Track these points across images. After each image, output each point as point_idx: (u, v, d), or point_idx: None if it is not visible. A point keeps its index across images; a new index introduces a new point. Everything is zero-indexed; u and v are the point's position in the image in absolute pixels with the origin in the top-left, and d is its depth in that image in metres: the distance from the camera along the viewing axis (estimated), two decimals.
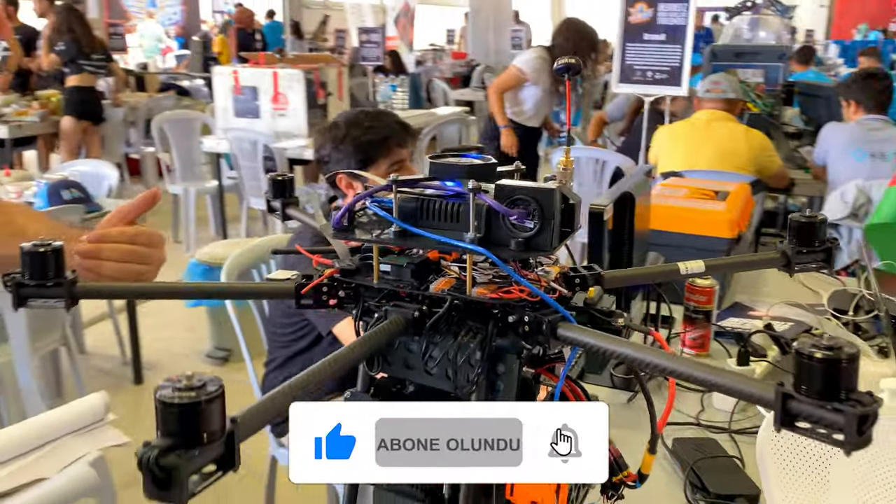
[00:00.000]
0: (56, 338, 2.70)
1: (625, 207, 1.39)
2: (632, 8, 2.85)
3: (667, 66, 2.92)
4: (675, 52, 2.90)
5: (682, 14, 2.82)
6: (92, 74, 5.58)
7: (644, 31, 2.88)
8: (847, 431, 0.53)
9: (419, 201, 0.80)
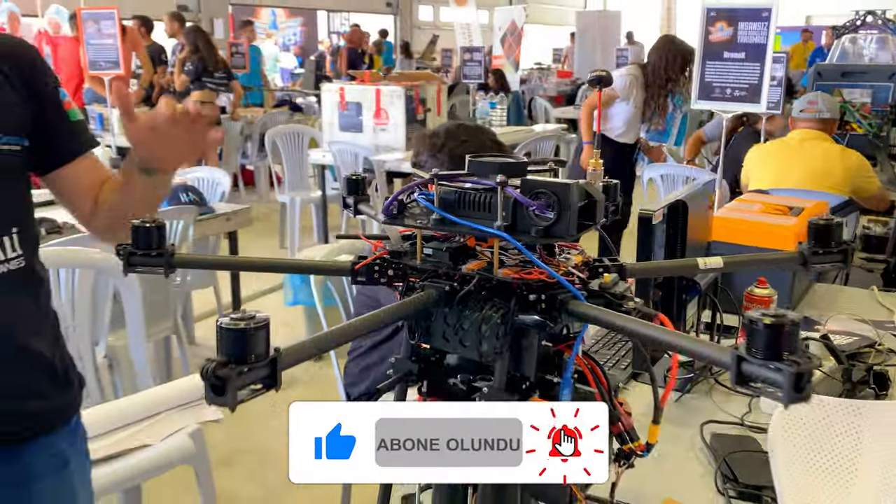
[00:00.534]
0: (168, 325, 2.98)
1: (678, 215, 1.47)
2: (712, 27, 2.87)
3: (746, 83, 2.93)
4: (755, 70, 2.90)
5: (762, 33, 2.82)
6: (213, 91, 6.02)
7: (724, 49, 2.90)
8: (785, 388, 0.62)
9: (457, 193, 0.93)
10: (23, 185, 1.24)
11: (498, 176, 0.89)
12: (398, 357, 0.99)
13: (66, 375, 1.31)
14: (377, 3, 17.57)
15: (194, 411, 2.24)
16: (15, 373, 1.21)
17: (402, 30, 18.32)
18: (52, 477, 1.26)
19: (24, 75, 1.21)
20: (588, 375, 0.95)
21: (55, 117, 1.25)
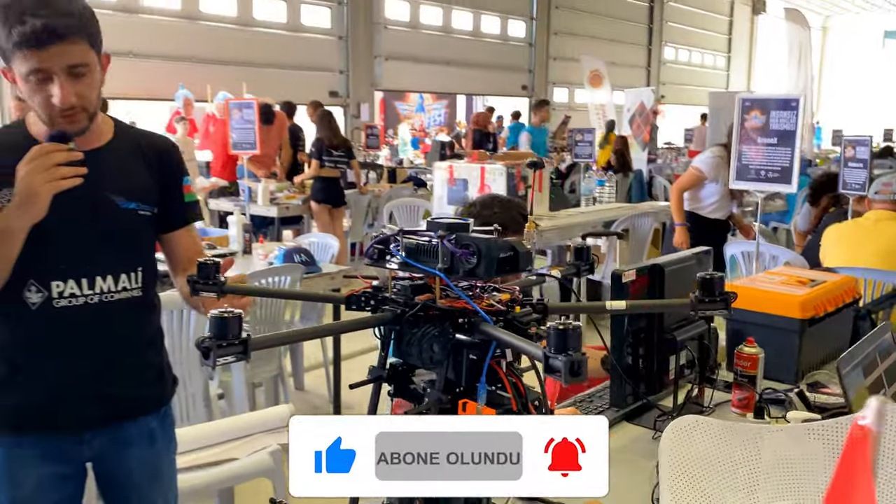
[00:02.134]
0: (274, 368, 3.45)
1: (656, 277, 1.72)
2: (747, 115, 3.06)
3: (778, 165, 3.07)
4: (786, 154, 3.04)
5: (792, 120, 2.98)
6: (332, 168, 6.73)
7: (758, 134, 3.07)
8: (563, 372, 0.91)
9: (416, 244, 1.27)
10: (149, 237, 1.70)
11: (439, 231, 1.23)
12: (372, 367, 1.33)
13: (164, 374, 1.75)
14: (514, 87, 18.38)
15: (276, 435, 2.65)
16: (133, 369, 1.66)
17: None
18: (142, 448, 1.68)
19: (162, 165, 1.69)
20: (507, 385, 1.25)
21: (175, 195, 1.71)
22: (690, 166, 4.81)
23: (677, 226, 4.64)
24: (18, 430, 1.59)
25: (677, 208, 4.65)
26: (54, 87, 1.46)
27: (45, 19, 1.40)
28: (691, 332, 1.82)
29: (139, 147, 1.67)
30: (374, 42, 14.53)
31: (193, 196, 1.78)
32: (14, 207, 1.43)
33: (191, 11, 11.68)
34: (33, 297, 1.54)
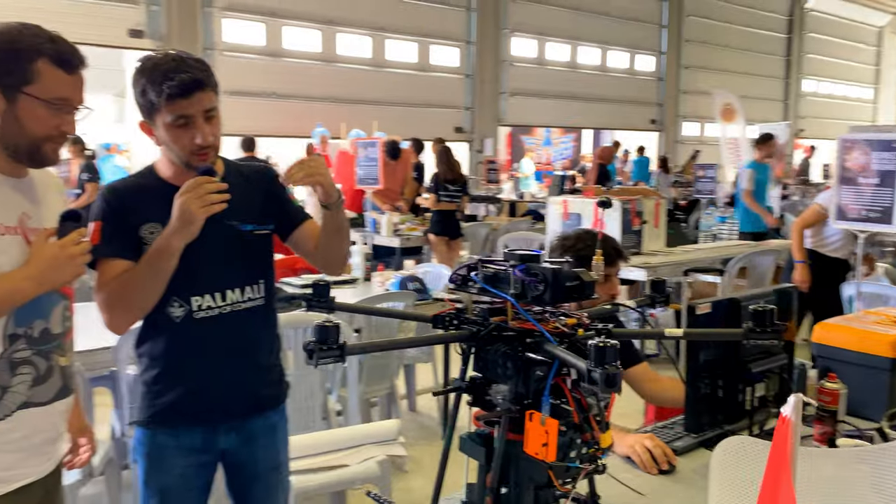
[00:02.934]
0: (387, 386, 3.70)
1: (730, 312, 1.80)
2: (847, 155, 2.98)
3: (879, 206, 2.97)
4: (887, 194, 2.95)
5: (893, 161, 2.89)
6: (448, 202, 7.01)
7: (859, 175, 2.99)
8: (600, 382, 1.06)
9: (493, 272, 1.46)
10: (267, 252, 1.98)
11: (512, 260, 1.41)
12: (456, 380, 1.52)
13: (282, 376, 2.01)
14: (642, 121, 18.23)
15: (385, 447, 2.88)
16: (260, 369, 1.94)
17: (665, 145, 18.71)
18: (266, 438, 1.95)
19: (266, 186, 1.98)
20: (570, 400, 1.40)
21: (286, 206, 2.00)
22: (814, 202, 4.71)
23: (797, 263, 4.56)
24: (168, 425, 1.89)
25: (798, 245, 4.56)
26: (195, 129, 1.78)
27: (188, 74, 1.74)
28: (770, 365, 1.88)
29: (245, 176, 1.98)
30: (500, 79, 14.91)
31: (296, 201, 2.07)
32: (173, 230, 1.73)
33: (329, 54, 12.48)
34: (177, 311, 1.84)
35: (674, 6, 18.16)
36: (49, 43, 1.56)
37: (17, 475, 1.59)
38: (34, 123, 1.56)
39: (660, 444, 1.85)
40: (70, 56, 1.58)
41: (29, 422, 1.59)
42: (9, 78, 1.53)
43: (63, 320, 1.67)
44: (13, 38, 1.54)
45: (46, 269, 1.54)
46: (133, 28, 10.17)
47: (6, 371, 1.55)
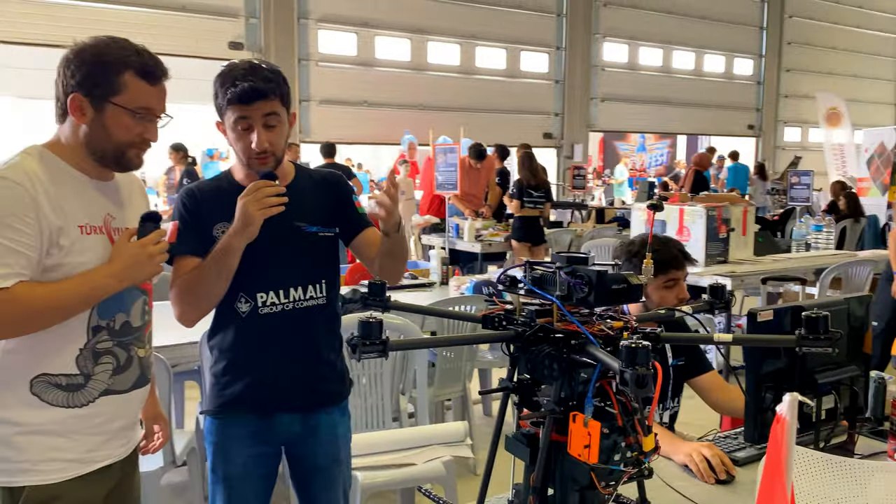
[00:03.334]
0: (458, 389, 3.74)
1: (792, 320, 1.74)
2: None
3: None
4: None
5: None
6: (532, 208, 6.98)
7: None
8: (631, 383, 1.07)
9: (540, 274, 1.48)
10: (331, 254, 2.05)
11: (558, 263, 1.43)
12: (502, 378, 1.54)
13: (344, 374, 2.08)
14: (739, 126, 17.63)
15: (452, 447, 2.91)
16: (320, 365, 2.01)
17: (764, 151, 18.03)
18: (326, 433, 2.02)
19: (333, 192, 2.06)
20: (615, 403, 1.39)
21: (350, 212, 2.07)
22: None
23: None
24: (233, 415, 1.99)
25: (894, 257, 4.33)
26: (254, 134, 1.87)
27: (251, 82, 1.85)
28: (839, 377, 1.81)
29: (314, 181, 2.07)
30: (590, 84, 14.75)
31: (363, 209, 2.12)
32: (234, 230, 1.84)
33: (418, 62, 12.68)
34: (243, 307, 1.95)
35: (774, 7, 17.50)
36: (135, 56, 1.67)
37: (98, 456, 1.71)
38: (120, 131, 1.67)
39: (718, 452, 1.81)
40: (154, 68, 1.70)
41: (109, 408, 1.71)
42: (97, 89, 1.64)
43: (142, 314, 1.79)
44: (102, 51, 1.66)
45: (127, 266, 1.65)
46: (233, 40, 10.65)
47: (90, 360, 1.67)
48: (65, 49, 1.71)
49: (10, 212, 1.54)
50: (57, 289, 1.59)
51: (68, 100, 1.65)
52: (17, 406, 1.62)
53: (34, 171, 1.60)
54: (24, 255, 1.55)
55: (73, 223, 1.63)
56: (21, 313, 1.55)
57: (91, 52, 1.65)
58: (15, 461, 1.61)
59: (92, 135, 1.67)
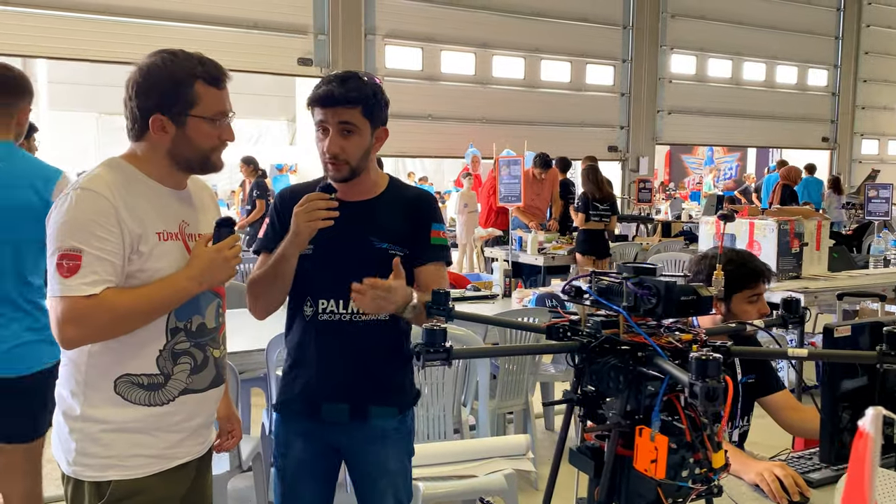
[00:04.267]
0: (520, 402, 3.71)
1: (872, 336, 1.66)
2: None
3: None
4: None
5: None
6: (597, 221, 6.90)
7: None
8: (700, 396, 1.04)
9: (606, 285, 1.46)
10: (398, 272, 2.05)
11: (625, 273, 1.41)
12: (566, 390, 1.52)
13: (403, 387, 2.08)
14: (812, 139, 17.08)
15: (513, 461, 2.89)
16: (375, 378, 2.01)
17: (839, 164, 17.41)
18: (379, 444, 2.02)
19: (415, 214, 2.03)
20: (683, 417, 1.36)
21: (422, 239, 2.03)
22: None
23: None
24: (292, 413, 2.04)
25: None
26: (327, 139, 1.92)
27: (331, 87, 1.91)
28: None
29: (401, 199, 2.06)
30: (656, 97, 14.53)
31: (443, 240, 2.08)
32: (287, 239, 1.90)
33: (483, 76, 12.73)
34: (307, 310, 2.00)
35: (850, 16, 16.93)
36: (200, 66, 1.74)
37: (178, 453, 1.79)
38: (202, 139, 1.75)
39: (791, 473, 1.75)
40: (218, 73, 1.76)
41: (188, 407, 1.79)
42: (175, 107, 1.72)
43: (216, 316, 1.86)
44: (170, 69, 1.71)
45: (205, 269, 1.73)
46: (302, 57, 10.90)
47: (169, 361, 1.75)
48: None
49: (96, 221, 1.63)
50: (141, 293, 1.67)
51: (150, 122, 1.71)
52: (103, 405, 1.70)
53: (115, 182, 1.69)
54: (109, 263, 1.63)
55: (151, 230, 1.71)
56: (110, 318, 1.63)
57: (159, 72, 1.71)
58: (102, 456, 1.70)
59: (176, 147, 1.75)
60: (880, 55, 17.46)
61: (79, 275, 1.60)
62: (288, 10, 10.82)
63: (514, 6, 12.66)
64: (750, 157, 21.04)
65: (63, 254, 1.61)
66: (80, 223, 1.62)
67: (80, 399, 1.71)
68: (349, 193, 1.97)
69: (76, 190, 1.66)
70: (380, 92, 2.00)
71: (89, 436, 1.70)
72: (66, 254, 1.60)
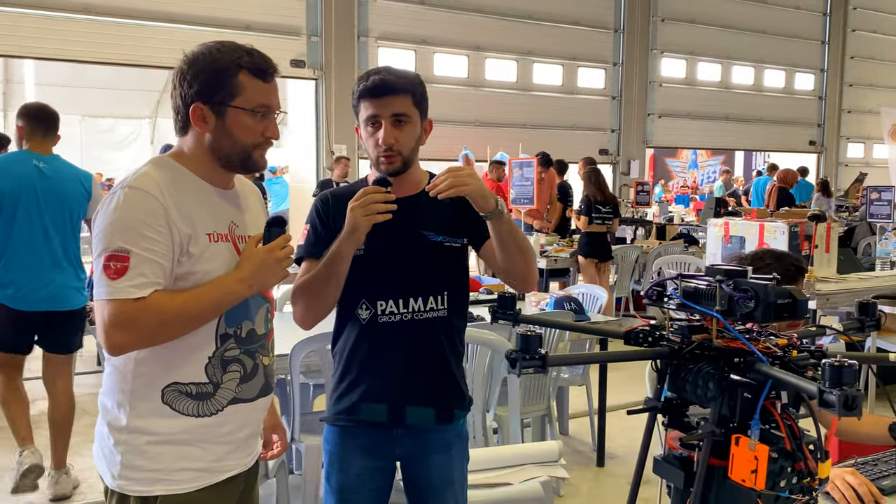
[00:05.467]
0: (542, 407, 3.65)
1: None
2: None
3: None
4: None
5: None
6: (600, 224, 6.87)
7: None
8: (838, 405, 0.98)
9: (694, 288, 1.40)
10: (457, 266, 1.97)
11: (717, 276, 1.35)
12: (648, 396, 1.46)
13: (460, 389, 2.01)
14: (800, 142, 17.22)
15: (547, 468, 2.83)
16: (435, 379, 1.95)
17: (826, 167, 17.56)
18: (441, 454, 1.95)
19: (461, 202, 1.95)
20: (781, 425, 1.30)
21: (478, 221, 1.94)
22: None
23: None
24: (349, 424, 1.95)
25: None
26: (381, 131, 1.85)
27: (382, 76, 1.86)
28: None
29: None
30: (647, 100, 14.57)
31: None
32: (342, 235, 1.81)
33: (476, 79, 12.69)
34: (363, 314, 1.92)
35: (836, 21, 17.10)
36: (246, 56, 1.67)
37: (226, 466, 1.70)
38: (243, 132, 1.66)
39: (865, 481, 1.70)
40: (265, 65, 1.69)
41: (237, 417, 1.70)
42: (216, 95, 1.64)
43: (266, 322, 1.78)
44: (214, 57, 1.65)
45: (256, 271, 1.65)
46: (295, 58, 10.80)
47: (218, 369, 1.67)
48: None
49: (144, 222, 1.55)
50: (191, 296, 1.59)
51: (190, 110, 1.64)
52: (150, 415, 1.62)
53: (163, 181, 1.61)
54: (158, 265, 1.56)
55: (201, 231, 1.64)
56: (158, 322, 1.55)
57: (204, 60, 1.65)
58: (149, 470, 1.62)
59: (217, 141, 1.67)
60: (865, 59, 17.64)
61: (126, 277, 1.52)
62: (281, 11, 10.72)
63: (506, 9, 12.65)
64: (737, 161, 21.18)
65: (110, 255, 1.53)
66: (128, 223, 1.55)
67: (126, 409, 1.63)
68: (397, 189, 1.91)
69: (124, 189, 1.59)
70: (424, 84, 1.98)
71: (135, 448, 1.62)
72: (114, 255, 1.53)
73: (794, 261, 2.37)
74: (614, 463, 4.10)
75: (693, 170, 22.29)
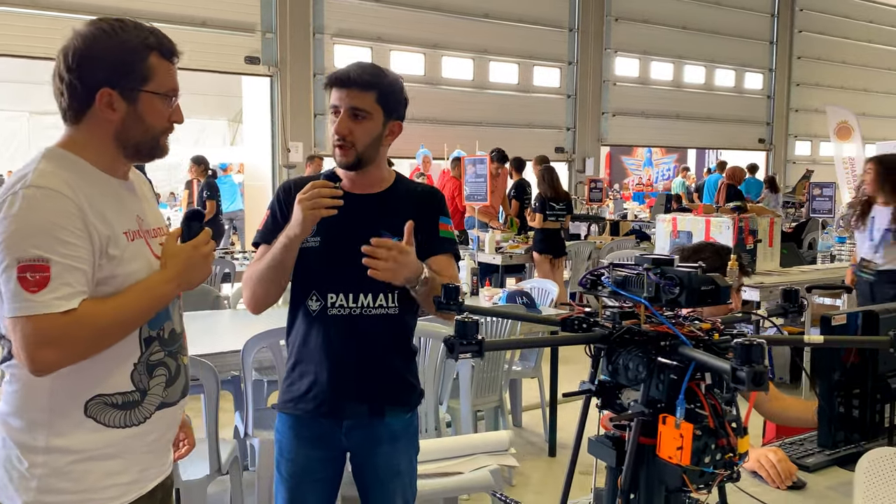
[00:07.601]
0: (495, 400, 3.73)
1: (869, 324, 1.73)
2: None
3: None
4: None
5: None
6: (553, 221, 7.01)
7: None
8: (747, 381, 1.06)
9: (624, 276, 1.47)
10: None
11: (645, 264, 1.42)
12: (584, 381, 1.53)
13: (409, 384, 2.05)
14: (750, 140, 17.65)
15: (497, 457, 2.90)
16: (382, 373, 1.99)
17: (775, 165, 18.03)
18: (389, 444, 1.99)
19: (423, 208, 2.01)
20: (705, 404, 1.38)
21: (430, 232, 2.01)
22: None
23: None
24: (296, 414, 1.99)
25: None
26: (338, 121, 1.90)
27: (351, 69, 1.92)
28: None
29: (409, 193, 2.06)
30: (601, 99, 14.80)
31: (450, 234, 2.08)
32: (289, 225, 1.85)
33: (432, 77, 12.74)
34: (314, 305, 1.96)
35: (783, 22, 17.57)
36: (153, 36, 1.54)
37: (151, 474, 1.62)
38: (155, 118, 1.54)
39: (784, 458, 1.80)
40: (171, 45, 1.57)
41: (163, 422, 1.62)
42: (126, 79, 1.50)
43: (180, 319, 1.69)
44: (120, 38, 1.50)
45: (183, 270, 1.55)
46: (249, 55, 10.72)
47: (145, 375, 1.56)
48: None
49: (59, 225, 1.40)
50: (120, 302, 1.47)
51: (97, 97, 1.49)
52: (73, 432, 1.49)
53: (70, 178, 1.46)
54: (81, 271, 1.42)
55: (119, 230, 1.51)
56: (92, 334, 1.43)
57: (107, 40, 1.50)
58: (73, 492, 1.50)
59: (126, 129, 1.52)
60: (812, 60, 18.15)
61: (49, 288, 1.37)
62: (235, 7, 10.63)
63: (463, 7, 12.72)
64: (690, 159, 21.59)
65: (26, 265, 1.37)
66: (41, 228, 1.39)
67: (44, 429, 1.48)
68: (358, 186, 1.95)
69: (27, 189, 1.41)
70: (399, 86, 1.99)
71: (56, 470, 1.48)
72: (30, 265, 1.37)
73: (730, 252, 2.47)
74: (566, 452, 4.19)
75: (648, 167, 22.67)
